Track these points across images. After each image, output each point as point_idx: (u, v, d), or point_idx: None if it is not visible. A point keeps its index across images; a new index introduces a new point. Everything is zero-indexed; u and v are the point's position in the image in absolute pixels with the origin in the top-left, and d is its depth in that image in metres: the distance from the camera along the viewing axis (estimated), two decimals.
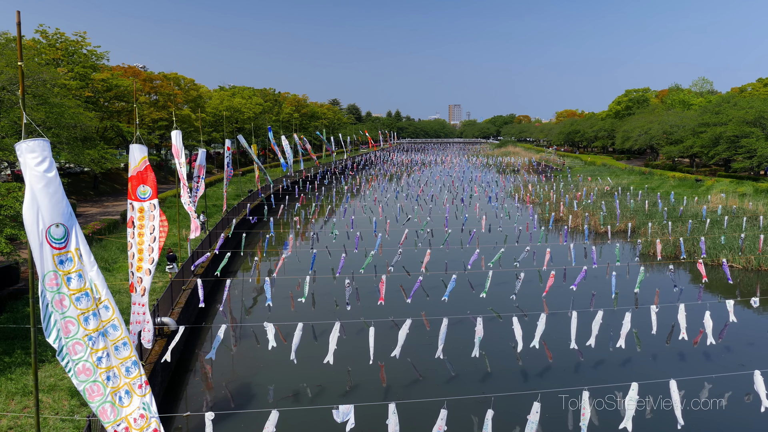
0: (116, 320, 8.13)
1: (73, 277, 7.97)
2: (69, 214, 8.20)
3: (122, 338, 8.13)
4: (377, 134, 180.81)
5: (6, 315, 19.52)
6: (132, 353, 8.17)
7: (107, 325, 8.09)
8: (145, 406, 8.16)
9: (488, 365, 19.08)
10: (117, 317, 8.13)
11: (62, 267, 7.91)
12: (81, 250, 8.12)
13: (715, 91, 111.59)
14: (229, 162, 38.34)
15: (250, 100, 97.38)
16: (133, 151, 14.98)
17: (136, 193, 14.86)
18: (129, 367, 8.14)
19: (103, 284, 8.21)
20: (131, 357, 8.15)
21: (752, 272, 31.42)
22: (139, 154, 14.96)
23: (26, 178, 8.03)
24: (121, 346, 8.13)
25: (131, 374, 8.13)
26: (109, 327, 8.11)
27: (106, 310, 8.12)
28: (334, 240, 36.51)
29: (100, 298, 8.11)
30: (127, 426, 8.10)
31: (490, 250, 32.01)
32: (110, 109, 56.21)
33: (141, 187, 14.85)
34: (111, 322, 8.12)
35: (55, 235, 7.93)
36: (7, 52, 34.78)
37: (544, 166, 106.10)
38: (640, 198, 52.47)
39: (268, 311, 22.68)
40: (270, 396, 17.14)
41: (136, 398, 8.12)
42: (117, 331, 8.13)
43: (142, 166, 14.93)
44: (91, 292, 8.04)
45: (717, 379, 17.07)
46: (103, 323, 8.07)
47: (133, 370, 8.14)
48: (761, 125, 58.91)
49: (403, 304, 24.39)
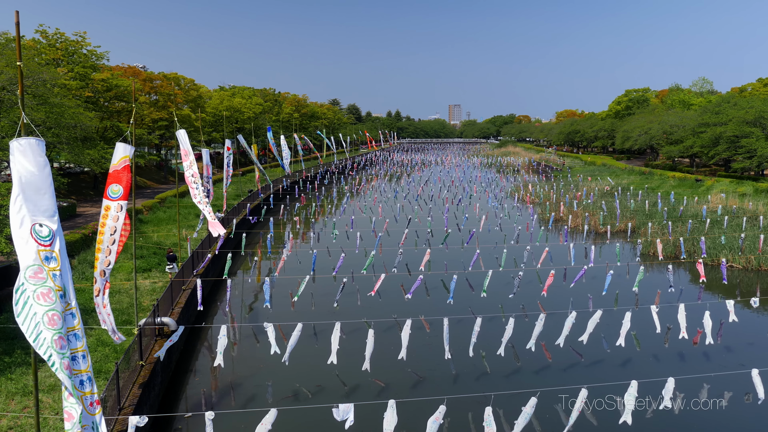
0: (79, 331, 8.08)
1: (57, 275, 7.97)
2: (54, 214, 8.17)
3: (82, 351, 8.04)
4: (377, 134, 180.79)
5: (6, 315, 19.52)
6: (88, 369, 8.07)
7: (70, 333, 8.02)
8: (94, 426, 7.95)
9: (488, 365, 19.09)
10: (80, 328, 8.09)
11: (47, 264, 7.93)
12: (60, 255, 8.11)
13: (715, 91, 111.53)
14: (229, 162, 38.33)
15: (250, 100, 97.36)
16: (117, 149, 14.71)
17: (108, 191, 14.54)
18: (83, 381, 7.98)
19: (73, 292, 8.20)
20: (87, 372, 8.04)
21: (752, 272, 31.42)
22: (122, 152, 14.64)
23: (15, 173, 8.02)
24: (80, 358, 8.04)
25: (85, 389, 7.95)
26: (71, 335, 8.04)
27: (73, 318, 8.08)
28: (334, 240, 36.52)
29: (70, 304, 8.09)
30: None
31: (490, 250, 32.02)
32: (110, 109, 56.20)
33: (113, 186, 14.49)
34: (74, 331, 8.06)
35: (40, 233, 7.93)
36: (7, 52, 34.77)
37: (544, 166, 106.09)
38: (640, 198, 52.46)
39: (269, 311, 22.67)
40: (270, 396, 17.15)
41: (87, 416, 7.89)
42: (79, 342, 8.06)
43: (121, 165, 14.58)
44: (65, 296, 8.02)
45: (717, 379, 17.06)
46: (68, 330, 8.01)
47: (87, 385, 7.97)
48: (761, 125, 58.90)
49: (403, 304, 24.40)
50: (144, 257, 28.54)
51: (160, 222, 38.94)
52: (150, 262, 28.13)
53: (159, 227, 36.91)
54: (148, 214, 41.70)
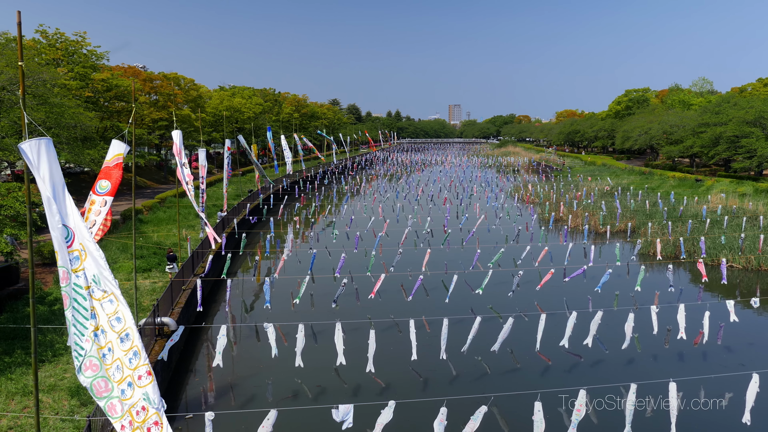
0: (120, 313, 8.28)
1: (81, 275, 8.26)
2: (70, 214, 8.39)
3: (125, 329, 8.25)
4: (377, 134, 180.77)
5: (6, 315, 19.52)
6: (134, 343, 8.24)
7: (112, 317, 8.26)
8: (145, 397, 8.09)
9: (488, 365, 19.08)
10: (121, 310, 8.27)
11: (72, 265, 8.30)
12: (85, 246, 8.33)
13: (715, 91, 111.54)
14: (229, 162, 38.36)
15: (250, 100, 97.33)
16: (112, 146, 14.97)
17: (96, 185, 14.89)
18: (131, 358, 8.18)
19: (110, 277, 8.35)
20: (133, 347, 8.21)
21: (752, 272, 31.42)
22: (116, 149, 14.91)
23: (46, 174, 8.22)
24: (125, 337, 8.24)
25: (133, 365, 8.15)
26: (113, 320, 8.27)
27: (111, 304, 8.28)
28: (334, 240, 36.52)
29: (106, 291, 8.28)
30: (131, 419, 8.13)
31: (490, 250, 32.02)
32: (110, 109, 56.20)
33: (102, 182, 14.82)
34: (115, 315, 8.27)
35: (62, 234, 8.26)
36: (7, 52, 34.77)
37: (544, 166, 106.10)
38: (640, 198, 52.46)
39: (269, 311, 22.66)
40: (270, 396, 17.15)
41: (137, 390, 8.12)
42: (120, 323, 8.25)
43: (114, 162, 14.88)
44: (95, 286, 8.26)
45: (717, 379, 17.06)
46: (109, 315, 8.26)
47: (135, 360, 8.16)
48: (761, 125, 58.90)
49: (403, 304, 24.40)
50: (144, 257, 28.54)
51: (160, 222, 38.94)
52: (150, 262, 28.13)
53: (159, 227, 36.92)
54: (148, 214, 41.70)
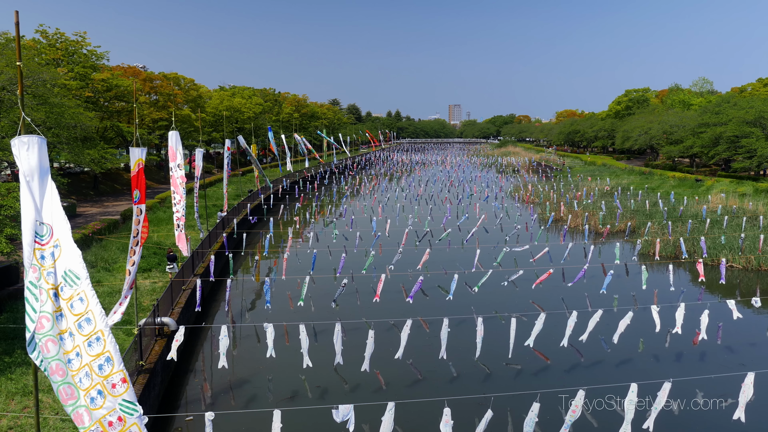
0: (90, 313, 7.47)
1: (50, 272, 7.62)
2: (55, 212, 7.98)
3: (95, 333, 7.42)
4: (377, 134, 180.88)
5: (6, 315, 19.52)
6: (105, 349, 7.42)
7: (81, 318, 7.47)
8: (123, 407, 7.42)
9: (488, 366, 19.07)
10: (92, 309, 7.45)
11: (42, 262, 7.70)
12: (61, 242, 7.71)
13: (715, 91, 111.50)
14: (229, 162, 38.36)
15: (250, 100, 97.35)
16: (132, 154, 15.60)
17: (132, 195, 15.53)
18: (102, 365, 7.42)
19: (83, 273, 7.59)
20: (105, 353, 7.42)
21: (752, 272, 31.41)
22: (135, 156, 15.48)
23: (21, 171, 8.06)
24: (94, 341, 7.43)
25: (104, 372, 7.42)
26: (83, 320, 7.48)
27: (81, 302, 7.50)
28: (334, 240, 36.52)
29: (77, 287, 7.50)
30: (102, 430, 7.46)
31: (490, 250, 32.01)
32: (110, 109, 56.21)
33: (135, 192, 15.43)
34: (85, 316, 7.47)
35: (39, 232, 7.86)
36: (7, 52, 34.75)
37: (544, 166, 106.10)
38: (640, 198, 52.45)
39: (269, 311, 22.66)
40: (270, 396, 17.14)
41: (109, 399, 7.40)
42: (90, 325, 7.45)
43: (136, 169, 15.40)
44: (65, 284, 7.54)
45: (717, 379, 17.05)
46: (77, 317, 7.47)
47: (107, 367, 7.41)
48: (761, 125, 58.88)
49: (403, 304, 24.38)
50: (144, 257, 28.51)
51: (160, 222, 38.91)
52: (150, 262, 28.12)
53: (159, 227, 36.89)
54: (148, 214, 41.69)
